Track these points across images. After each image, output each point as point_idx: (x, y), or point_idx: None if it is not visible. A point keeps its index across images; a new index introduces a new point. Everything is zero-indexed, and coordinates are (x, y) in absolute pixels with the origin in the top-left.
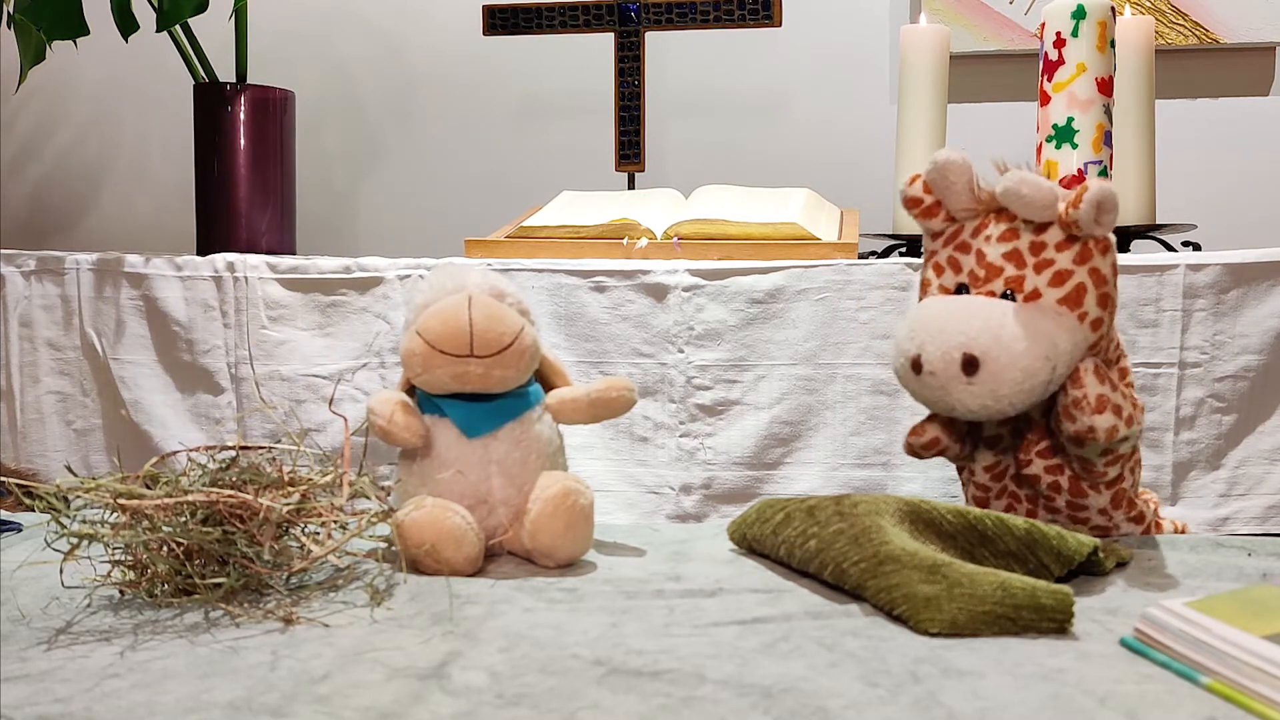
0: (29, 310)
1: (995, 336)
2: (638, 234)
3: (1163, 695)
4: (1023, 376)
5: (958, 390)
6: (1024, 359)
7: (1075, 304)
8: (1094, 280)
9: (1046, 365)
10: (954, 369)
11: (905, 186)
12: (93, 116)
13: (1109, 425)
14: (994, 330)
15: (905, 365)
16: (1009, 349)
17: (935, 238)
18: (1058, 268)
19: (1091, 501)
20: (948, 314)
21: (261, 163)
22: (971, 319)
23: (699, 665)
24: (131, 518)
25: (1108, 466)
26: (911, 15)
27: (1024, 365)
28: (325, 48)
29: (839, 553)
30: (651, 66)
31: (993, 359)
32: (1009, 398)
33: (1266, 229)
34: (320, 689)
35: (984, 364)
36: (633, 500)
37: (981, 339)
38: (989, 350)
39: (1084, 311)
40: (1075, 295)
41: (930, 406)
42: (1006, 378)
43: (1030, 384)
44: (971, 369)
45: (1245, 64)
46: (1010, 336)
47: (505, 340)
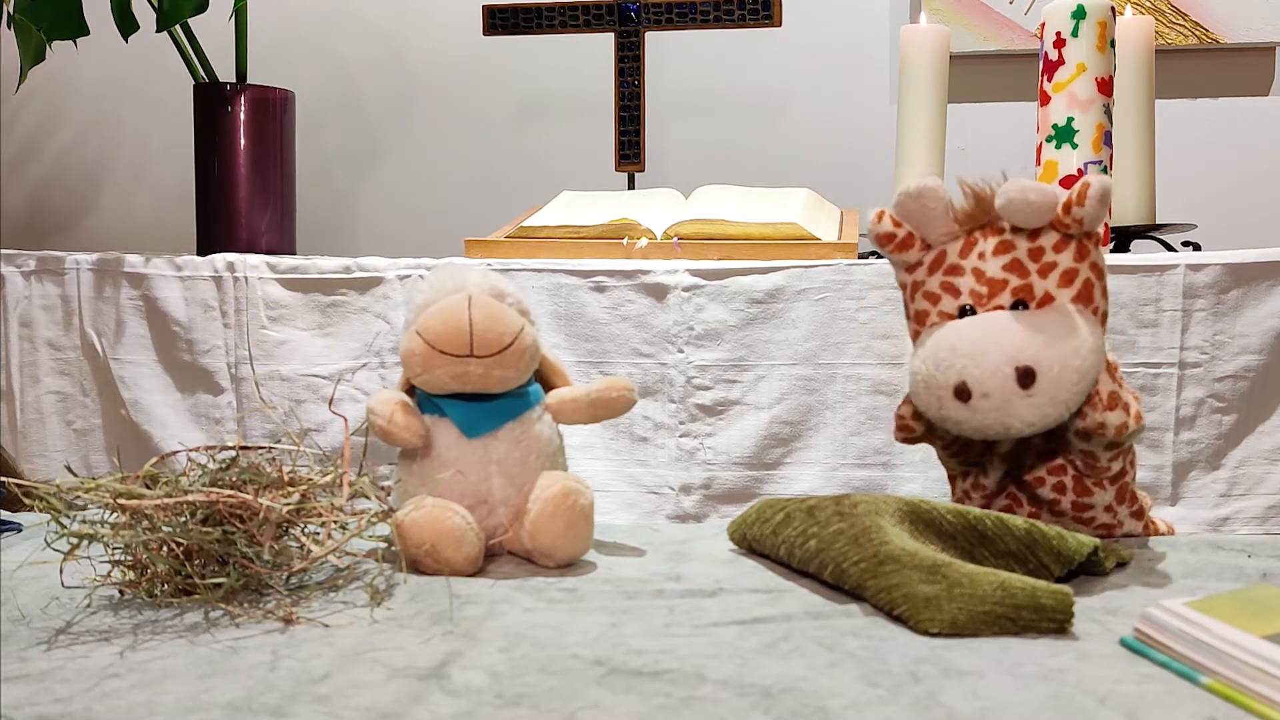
0: (29, 310)
1: (1042, 344)
2: (638, 234)
3: (1163, 695)
4: (1078, 377)
5: (1017, 406)
6: (1075, 359)
7: (1088, 300)
8: (1095, 274)
9: (1092, 359)
10: (1010, 385)
11: (873, 224)
12: (93, 116)
13: (1119, 422)
14: (1037, 338)
15: (947, 396)
16: (1059, 352)
17: (913, 269)
18: (1063, 268)
19: (1097, 499)
20: (979, 335)
21: (261, 163)
22: (1007, 333)
23: (699, 665)
24: (131, 518)
25: (1111, 461)
26: (911, 15)
27: (1077, 365)
28: (325, 48)
29: (839, 553)
30: (651, 66)
31: (1047, 366)
32: (1067, 401)
33: (1266, 229)
34: (320, 689)
35: (1040, 373)
36: (633, 500)
37: (1029, 348)
38: (1041, 358)
39: (1096, 306)
40: (1086, 291)
41: (981, 433)
42: (1065, 381)
43: (1086, 382)
44: (1029, 381)
45: (1245, 64)
46: (1056, 340)
47: (505, 340)
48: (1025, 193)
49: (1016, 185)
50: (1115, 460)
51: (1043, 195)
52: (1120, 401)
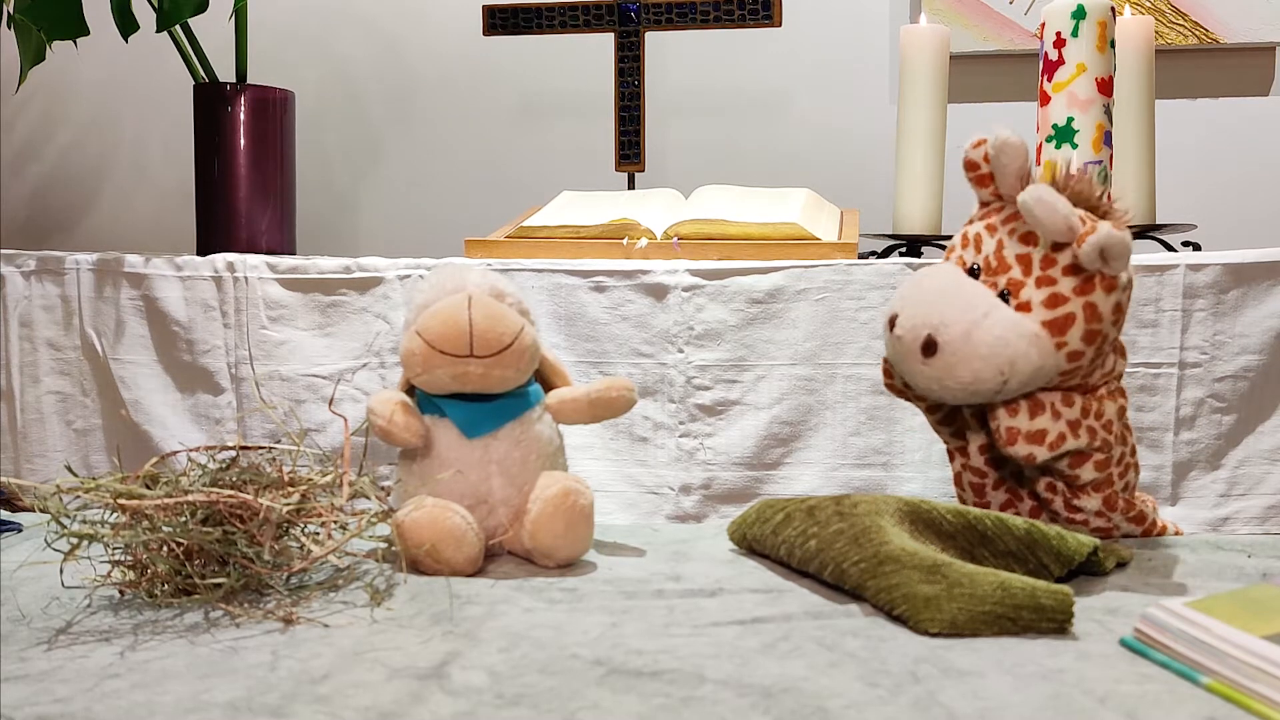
0: (29, 310)
1: (963, 332)
2: (638, 234)
3: (1163, 695)
4: (971, 378)
5: (912, 364)
6: (977, 363)
7: (1058, 331)
8: (1086, 314)
9: (998, 378)
10: (915, 345)
11: (969, 148)
12: (93, 116)
13: (1024, 454)
14: (965, 325)
15: (886, 319)
16: (970, 347)
17: (981, 206)
18: (1055, 289)
19: (1085, 504)
20: (937, 290)
21: (261, 163)
22: (951, 305)
23: (699, 665)
24: (131, 518)
25: (1075, 470)
26: (911, 15)
27: (975, 369)
28: (325, 48)
29: (839, 553)
30: (651, 66)
31: (951, 351)
32: (954, 390)
33: (1266, 229)
34: (320, 689)
35: (941, 351)
36: (633, 500)
37: (950, 329)
38: (951, 342)
39: (1063, 341)
40: (1061, 323)
41: (894, 364)
42: (957, 372)
43: (976, 387)
44: (929, 351)
45: (1245, 64)
46: (977, 339)
47: (505, 340)
48: (1035, 204)
49: (1035, 193)
50: (1081, 469)
51: (1049, 215)
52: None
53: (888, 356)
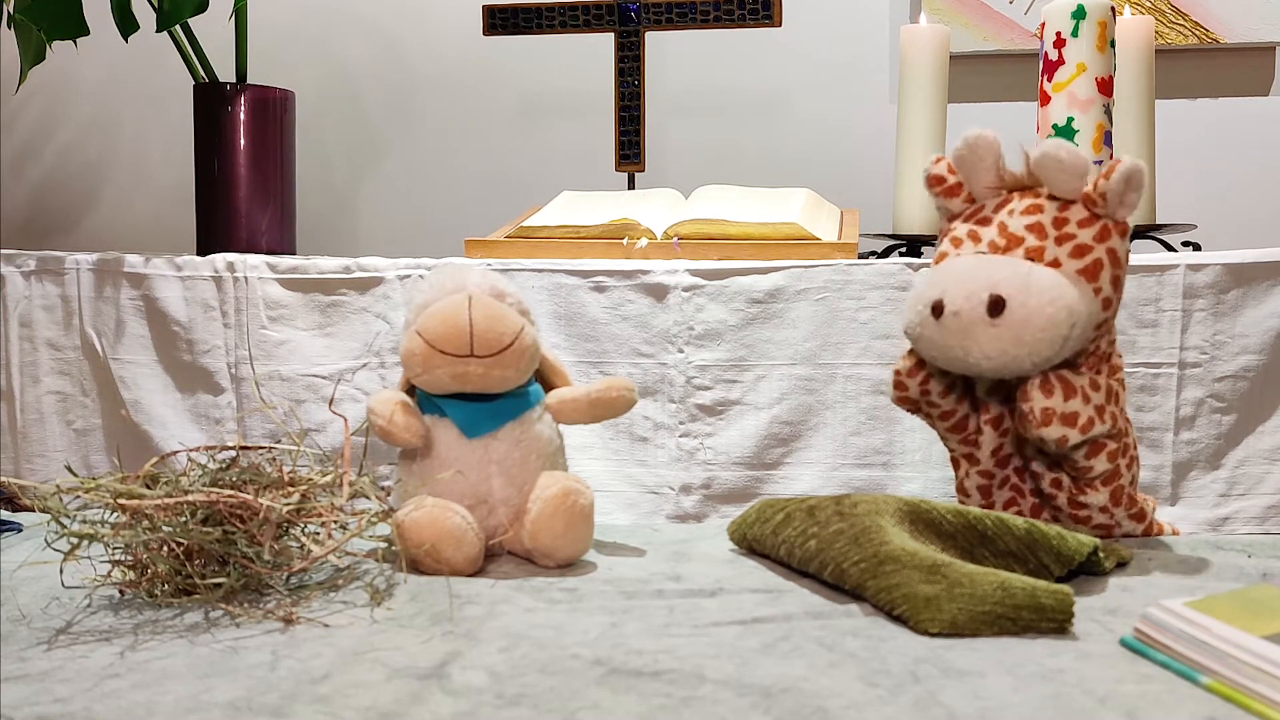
0: (29, 310)
1: (1024, 283)
2: (638, 234)
3: (1163, 695)
4: (1046, 324)
5: (980, 332)
6: (1049, 308)
7: (1092, 277)
8: (1110, 259)
9: (1068, 320)
10: (980, 310)
11: (930, 165)
12: (93, 116)
13: (1057, 435)
14: (1022, 277)
15: (924, 312)
16: (1037, 295)
17: (954, 219)
18: (1079, 241)
19: (1091, 499)
20: (974, 263)
21: (261, 163)
22: (999, 266)
23: (699, 665)
24: (131, 518)
25: (1090, 460)
26: (911, 15)
27: (1049, 314)
28: (325, 48)
29: (839, 553)
30: (651, 66)
31: (1019, 304)
32: (1030, 345)
33: (1266, 229)
34: (320, 689)
35: (1010, 306)
36: (633, 500)
37: (1010, 282)
38: (1015, 295)
39: (1099, 286)
40: (1093, 269)
41: (945, 357)
42: (1032, 323)
43: (1051, 334)
44: (997, 310)
45: (1245, 64)
46: (1038, 285)
47: (505, 340)
48: (1059, 150)
49: (1053, 142)
50: (1095, 459)
51: (1074, 157)
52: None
53: (929, 350)
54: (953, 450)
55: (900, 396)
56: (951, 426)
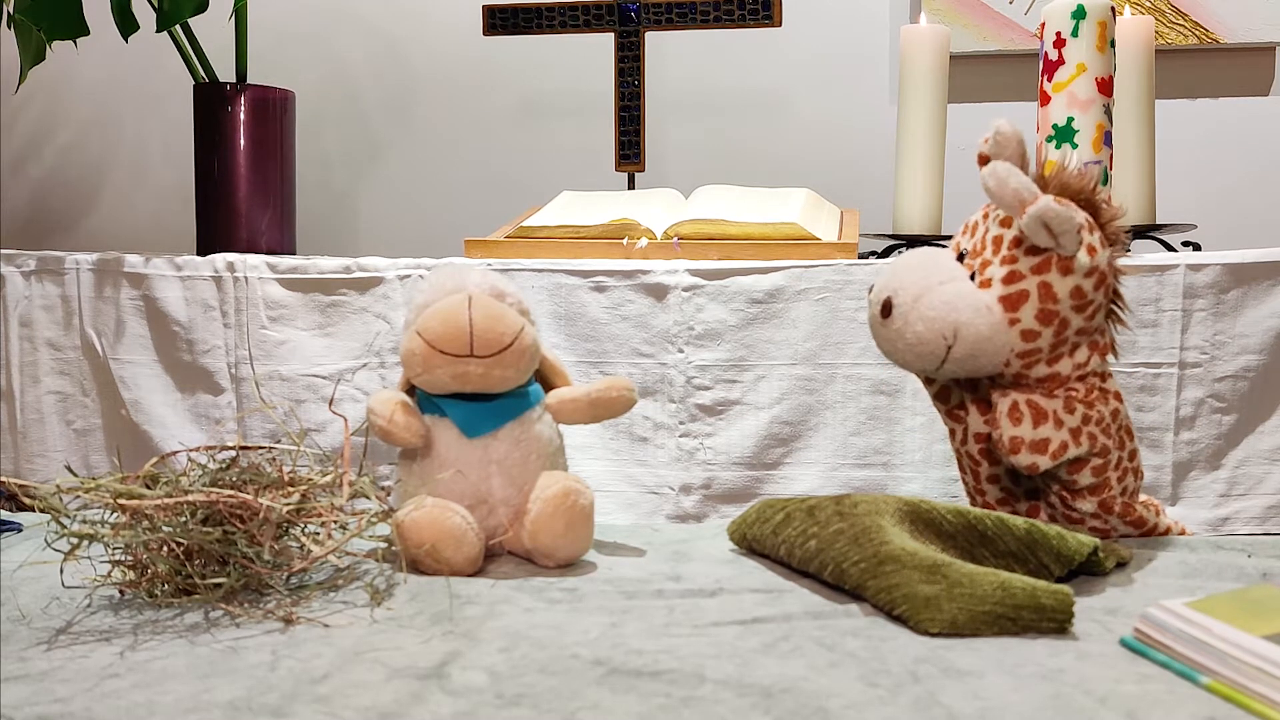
0: (29, 310)
1: (915, 295)
2: (638, 234)
3: (1163, 695)
4: (916, 340)
5: (876, 327)
6: (922, 325)
7: (1011, 306)
8: (1040, 292)
9: (941, 344)
10: (877, 307)
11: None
12: (93, 116)
13: (1027, 463)
14: (918, 290)
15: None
16: (918, 311)
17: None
18: (1014, 267)
19: (1081, 507)
20: (908, 262)
21: (261, 163)
22: (912, 273)
23: (699, 665)
24: (131, 518)
25: (1073, 475)
26: (911, 15)
27: (919, 331)
28: (325, 48)
29: (839, 553)
30: (651, 66)
31: (901, 314)
32: (902, 354)
33: (1266, 229)
34: (320, 689)
35: (894, 312)
36: (633, 500)
37: (905, 292)
38: (903, 304)
39: (1017, 318)
40: (1014, 299)
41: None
42: (906, 333)
43: (921, 350)
44: (886, 312)
45: (1245, 64)
46: (925, 302)
47: (505, 340)
48: (990, 177)
49: (991, 168)
50: (1078, 474)
51: (1000, 188)
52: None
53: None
54: (945, 423)
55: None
56: (937, 394)
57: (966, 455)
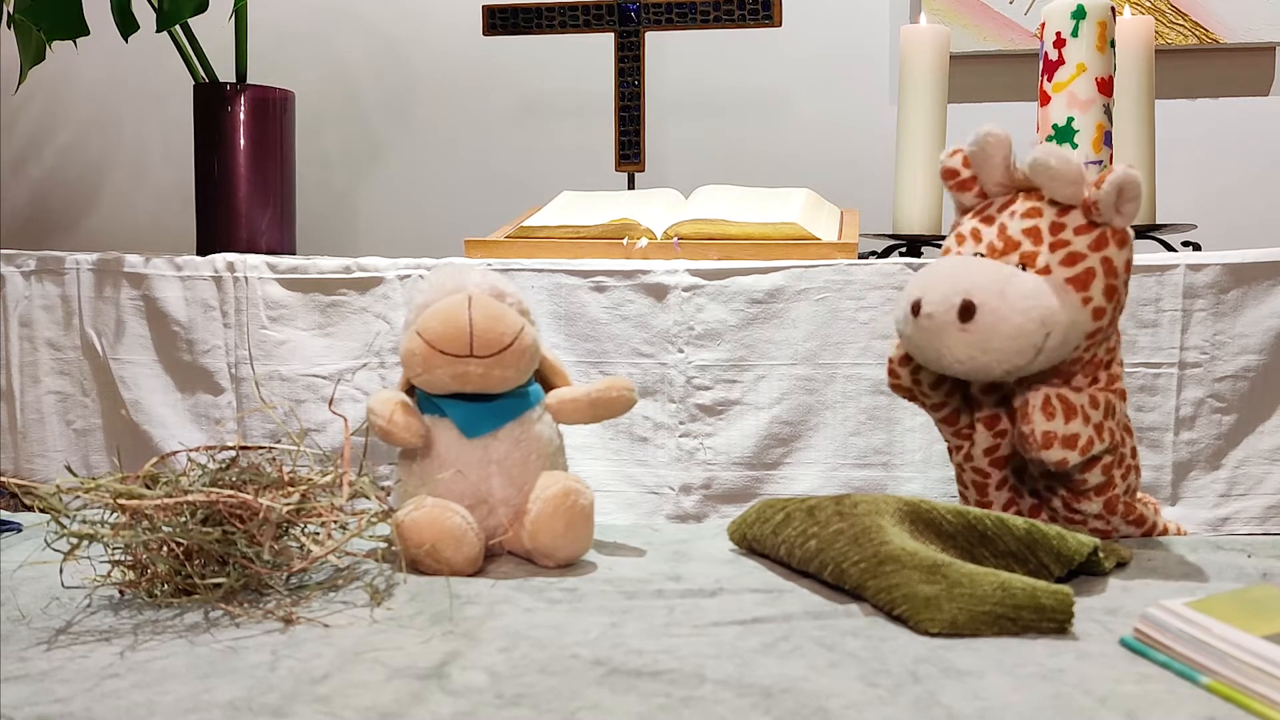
0: (29, 310)
1: (998, 290)
2: (638, 234)
3: (1163, 695)
4: (1015, 332)
5: (950, 336)
6: (1019, 316)
7: (1081, 286)
8: (1105, 269)
9: (1040, 330)
10: (951, 314)
11: (945, 158)
12: (93, 116)
13: (1057, 459)
14: (998, 284)
15: (905, 310)
16: (1008, 303)
17: (964, 212)
18: (1072, 249)
19: (1086, 508)
20: (956, 266)
21: (261, 163)
22: (978, 272)
23: (699, 665)
24: (131, 518)
25: (1084, 474)
26: (911, 15)
27: (1018, 322)
28: (325, 48)
29: (839, 553)
30: (651, 66)
31: (990, 310)
32: (998, 351)
33: (1266, 229)
34: (320, 689)
35: (980, 312)
36: (633, 500)
37: (983, 289)
38: (988, 301)
39: (1088, 296)
40: (1083, 277)
41: (922, 356)
42: (1000, 330)
43: (1021, 343)
44: (968, 315)
45: (1245, 64)
46: (1013, 293)
47: (505, 340)
48: (1049, 156)
49: (1046, 149)
50: (1090, 473)
51: (1064, 164)
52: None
53: (908, 347)
54: (948, 441)
55: (894, 384)
56: (943, 419)
57: (973, 470)
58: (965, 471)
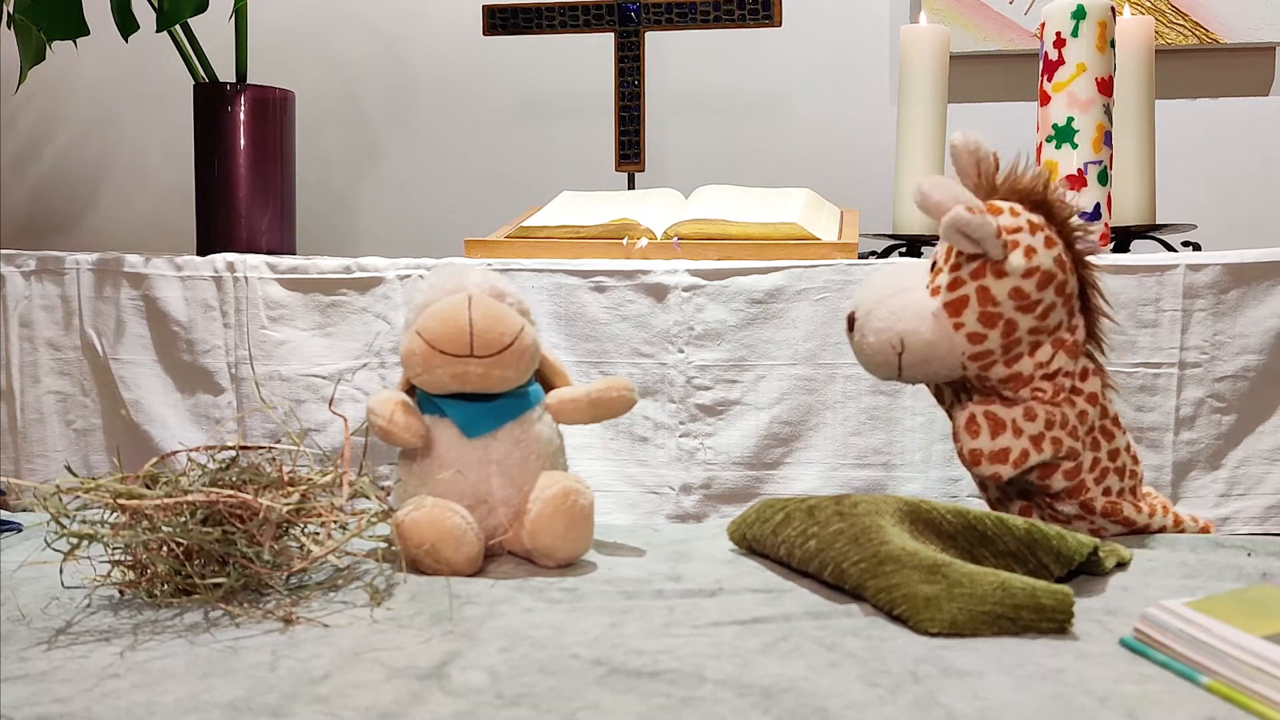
0: (29, 310)
1: (869, 310)
2: (638, 234)
3: (1163, 695)
4: (872, 351)
5: (848, 341)
6: (872, 337)
7: (954, 312)
8: (979, 296)
9: (892, 353)
10: (845, 323)
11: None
12: (93, 116)
13: (989, 473)
14: (871, 304)
15: None
16: (872, 324)
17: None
18: (957, 274)
19: (1063, 509)
20: (877, 277)
21: (261, 163)
22: (872, 287)
23: (699, 665)
24: (131, 518)
25: (1045, 480)
26: (911, 15)
27: (872, 342)
28: (325, 48)
29: (839, 553)
30: (651, 66)
31: (859, 325)
32: (865, 363)
33: (1266, 229)
34: (320, 689)
35: (856, 327)
36: (633, 500)
37: (863, 306)
38: (862, 320)
39: (960, 322)
40: (956, 304)
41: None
42: (864, 345)
43: (879, 359)
44: (850, 326)
45: (1245, 64)
46: (875, 314)
47: (505, 340)
48: (915, 193)
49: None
50: (1051, 479)
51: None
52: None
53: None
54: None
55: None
56: (935, 395)
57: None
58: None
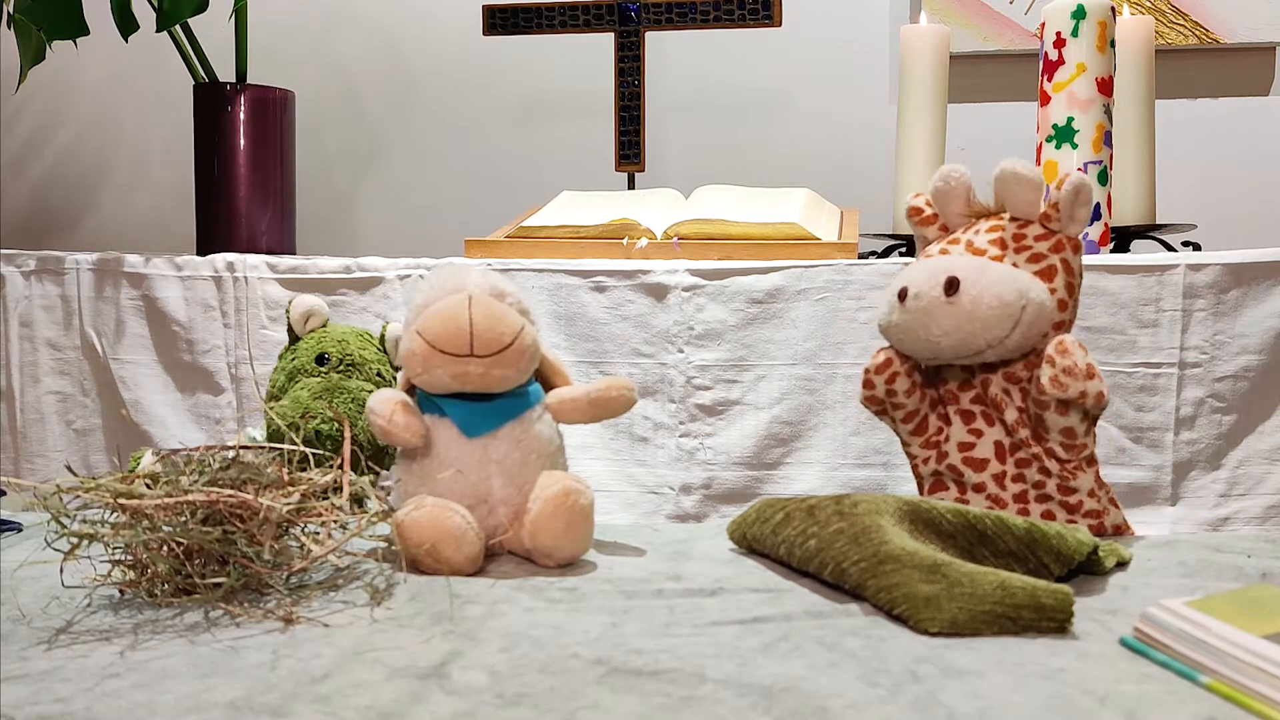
0: (29, 310)
1: (978, 267)
2: (638, 234)
3: (1163, 695)
4: (998, 303)
5: (938, 311)
6: (999, 287)
7: (1048, 278)
8: (1064, 267)
9: (1019, 300)
10: (938, 290)
11: (910, 198)
12: (93, 116)
13: (1098, 390)
14: (978, 264)
15: (891, 301)
16: (989, 276)
17: (927, 244)
18: (1035, 250)
19: (1080, 483)
20: (935, 259)
21: (261, 163)
22: (957, 259)
23: (699, 665)
24: (131, 518)
25: (1087, 437)
26: (911, 15)
27: (999, 293)
28: (325, 48)
29: (839, 552)
30: (651, 66)
31: (972, 283)
32: (983, 320)
33: (1266, 229)
34: (320, 689)
35: (964, 285)
36: (633, 500)
37: (966, 267)
38: (970, 275)
39: (1054, 287)
40: (1048, 272)
41: (910, 339)
42: (983, 300)
43: (1001, 312)
44: (953, 289)
45: (1245, 64)
46: (992, 270)
47: (505, 340)
48: (1016, 166)
49: (1012, 161)
50: (1089, 439)
51: (1032, 173)
52: (1098, 372)
53: (894, 336)
54: (915, 455)
55: (868, 396)
56: (914, 429)
57: (949, 469)
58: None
